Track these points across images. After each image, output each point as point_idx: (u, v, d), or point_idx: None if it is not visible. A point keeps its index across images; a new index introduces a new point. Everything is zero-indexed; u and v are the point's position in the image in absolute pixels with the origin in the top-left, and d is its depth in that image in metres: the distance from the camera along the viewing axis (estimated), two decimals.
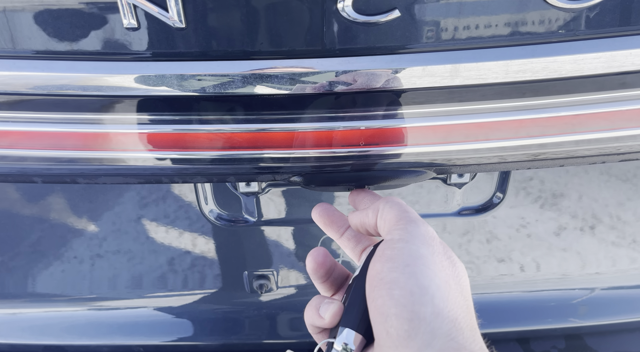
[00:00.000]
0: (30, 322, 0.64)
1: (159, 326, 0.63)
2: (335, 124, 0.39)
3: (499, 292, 0.62)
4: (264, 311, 0.63)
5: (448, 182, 0.53)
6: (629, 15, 0.35)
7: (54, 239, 0.58)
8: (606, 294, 0.62)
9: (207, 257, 0.58)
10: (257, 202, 0.55)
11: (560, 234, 0.58)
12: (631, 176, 0.55)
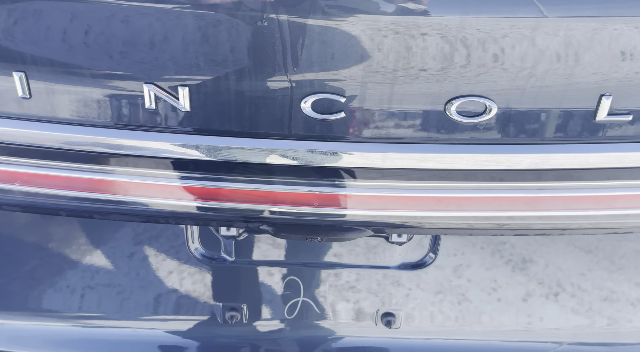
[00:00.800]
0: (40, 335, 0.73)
1: (142, 346, 0.72)
2: (294, 188, 0.51)
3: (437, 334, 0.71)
4: (232, 340, 0.72)
5: (390, 240, 0.65)
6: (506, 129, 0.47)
7: (54, 266, 0.69)
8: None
9: (189, 289, 0.69)
10: (235, 244, 0.66)
11: (493, 292, 0.68)
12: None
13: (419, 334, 0.71)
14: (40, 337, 0.73)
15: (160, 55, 0.45)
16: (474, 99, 0.46)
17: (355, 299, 0.69)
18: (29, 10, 0.44)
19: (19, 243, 0.69)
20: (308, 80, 0.45)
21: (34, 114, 0.49)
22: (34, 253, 0.68)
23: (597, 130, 0.48)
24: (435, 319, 0.69)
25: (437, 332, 0.71)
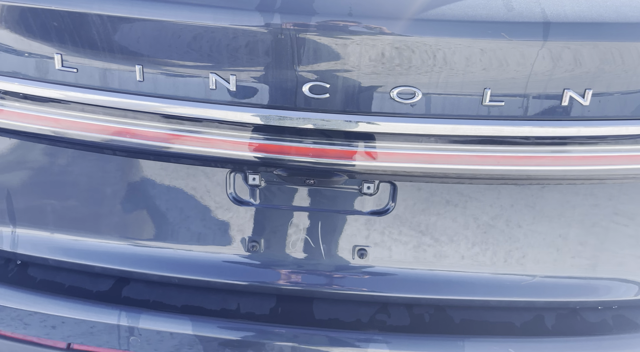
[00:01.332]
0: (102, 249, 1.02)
1: (181, 265, 1.01)
2: (299, 144, 0.81)
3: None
4: (252, 264, 1.01)
5: (362, 192, 0.93)
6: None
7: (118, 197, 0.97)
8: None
9: (224, 223, 0.98)
10: (259, 192, 0.95)
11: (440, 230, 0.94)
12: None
13: (384, 263, 0.98)
14: (96, 250, 1.02)
15: (219, 55, 0.77)
16: (406, 88, 0.76)
17: (338, 237, 0.98)
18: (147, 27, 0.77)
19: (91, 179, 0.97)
20: (306, 73, 0.76)
21: (145, 92, 0.81)
22: (100, 189, 0.96)
23: (484, 111, 0.77)
24: (396, 251, 0.97)
25: (399, 262, 0.98)
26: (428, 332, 0.98)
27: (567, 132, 0.78)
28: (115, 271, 1.03)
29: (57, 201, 0.98)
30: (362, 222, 0.95)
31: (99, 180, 0.96)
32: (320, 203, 0.95)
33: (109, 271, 1.03)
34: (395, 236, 0.96)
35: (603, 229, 0.92)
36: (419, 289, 1.00)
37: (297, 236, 0.98)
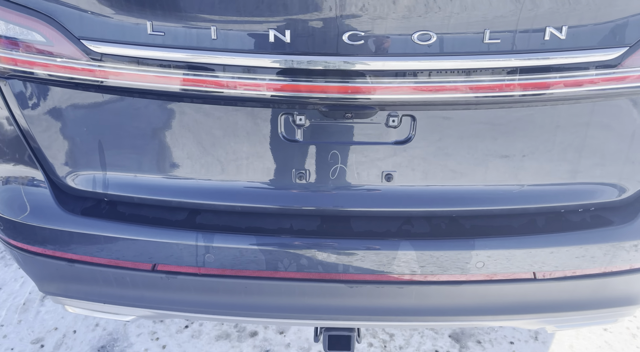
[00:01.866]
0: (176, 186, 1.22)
1: (247, 196, 1.22)
2: (338, 83, 1.02)
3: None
4: (302, 191, 1.22)
5: (388, 126, 1.14)
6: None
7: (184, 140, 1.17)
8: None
9: (275, 158, 1.19)
10: (303, 130, 1.16)
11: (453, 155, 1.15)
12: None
13: (407, 184, 1.20)
14: (172, 188, 1.23)
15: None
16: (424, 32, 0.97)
17: (368, 163, 1.19)
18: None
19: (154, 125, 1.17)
20: (345, 24, 0.97)
21: (218, 47, 1.01)
22: (167, 132, 1.16)
23: (484, 47, 0.99)
24: (417, 173, 1.19)
25: (419, 182, 1.20)
26: (445, 236, 1.21)
27: (548, 62, 1.00)
28: (188, 204, 1.24)
29: (138, 148, 1.18)
30: (388, 151, 1.16)
31: (174, 129, 1.16)
32: (354, 137, 1.15)
33: (184, 204, 1.24)
34: (415, 160, 1.17)
35: (581, 144, 1.14)
36: (436, 204, 1.22)
37: (335, 166, 1.18)
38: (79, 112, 1.13)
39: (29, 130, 1.16)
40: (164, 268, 1.24)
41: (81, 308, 1.39)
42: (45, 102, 1.12)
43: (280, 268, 1.21)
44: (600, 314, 1.32)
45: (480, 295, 1.24)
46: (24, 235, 1.26)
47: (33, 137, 1.16)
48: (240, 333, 2.05)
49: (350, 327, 1.40)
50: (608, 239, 1.18)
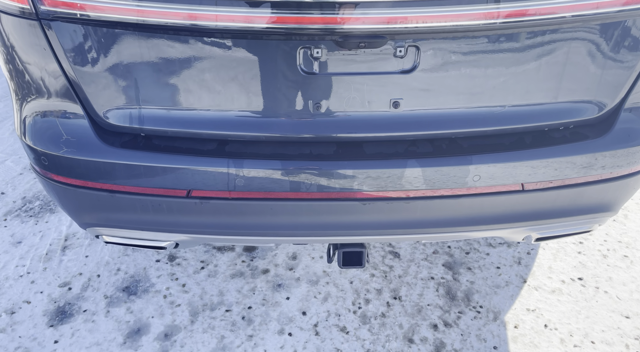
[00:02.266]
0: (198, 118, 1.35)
1: (270, 126, 1.35)
2: (351, 14, 1.15)
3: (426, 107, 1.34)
4: (319, 119, 1.35)
5: (395, 56, 1.28)
6: None
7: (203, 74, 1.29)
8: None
9: (292, 88, 1.31)
10: (319, 63, 1.29)
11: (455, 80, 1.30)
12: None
13: (412, 110, 1.35)
14: (202, 121, 1.36)
15: None
16: None
17: (378, 92, 1.33)
18: None
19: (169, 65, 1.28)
20: None
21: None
22: (183, 70, 1.27)
23: None
24: (421, 100, 1.34)
25: (423, 108, 1.35)
26: (446, 155, 1.36)
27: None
28: (218, 135, 1.37)
29: (171, 85, 1.30)
30: (396, 80, 1.30)
31: (204, 66, 1.27)
32: (365, 67, 1.28)
33: (213, 135, 1.37)
34: (419, 88, 1.32)
35: (562, 69, 1.30)
36: (438, 127, 1.37)
37: (348, 95, 1.32)
38: (116, 52, 1.24)
39: (71, 71, 1.26)
40: (197, 194, 1.37)
41: (120, 237, 1.52)
42: (86, 42, 1.22)
43: (302, 189, 1.36)
44: (578, 221, 1.50)
45: (477, 207, 1.41)
46: (67, 169, 1.37)
47: (75, 76, 1.27)
48: (253, 271, 2.21)
49: (362, 244, 1.56)
50: (584, 151, 1.36)
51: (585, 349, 1.86)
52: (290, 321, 1.98)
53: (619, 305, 2.03)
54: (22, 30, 1.24)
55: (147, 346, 1.88)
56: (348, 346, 1.89)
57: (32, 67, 1.30)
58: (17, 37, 1.26)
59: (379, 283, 2.14)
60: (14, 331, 1.93)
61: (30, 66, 1.31)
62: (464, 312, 2.01)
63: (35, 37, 1.23)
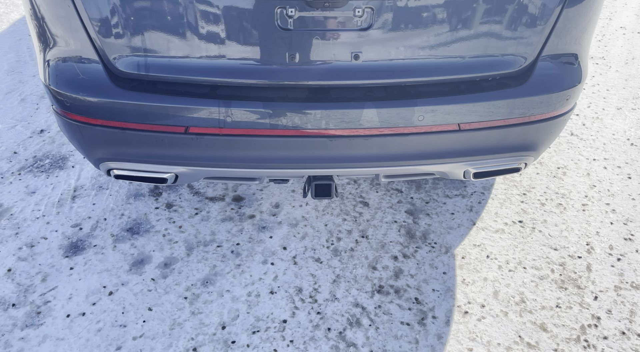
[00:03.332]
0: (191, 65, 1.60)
1: (254, 73, 1.60)
2: None
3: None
4: (294, 68, 1.61)
5: (354, 15, 1.53)
6: None
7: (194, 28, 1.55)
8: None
9: (272, 42, 1.57)
10: (292, 21, 1.54)
11: (411, 30, 1.58)
12: None
13: (370, 60, 1.61)
14: (196, 68, 1.61)
15: None
16: None
17: (341, 46, 1.59)
18: None
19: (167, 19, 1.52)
20: None
21: None
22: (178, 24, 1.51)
23: None
24: (377, 53, 1.60)
25: (379, 59, 1.61)
26: (396, 98, 1.63)
27: None
28: (211, 81, 1.62)
29: (172, 37, 1.54)
30: (355, 36, 1.56)
31: (199, 22, 1.51)
32: (330, 25, 1.53)
33: (207, 81, 1.62)
34: (374, 42, 1.58)
35: (488, 27, 1.57)
36: (391, 76, 1.63)
37: (317, 48, 1.57)
38: (126, 8, 1.48)
39: (90, 24, 1.50)
40: (193, 130, 1.62)
41: (128, 170, 1.77)
42: (102, 0, 1.46)
43: (279, 127, 1.62)
44: (506, 158, 1.79)
45: (424, 143, 1.68)
46: (85, 110, 1.61)
47: (93, 30, 1.51)
48: (240, 217, 2.48)
49: (330, 177, 1.83)
50: (507, 97, 1.63)
51: (518, 273, 2.16)
52: (273, 254, 2.25)
53: (549, 240, 2.33)
54: None
55: (149, 272, 2.14)
56: (321, 272, 2.16)
57: (57, 22, 1.54)
58: None
59: (349, 226, 2.42)
60: (34, 260, 2.17)
61: (56, 21, 1.54)
62: (420, 247, 2.30)
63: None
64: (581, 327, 1.92)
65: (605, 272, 2.15)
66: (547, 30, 1.60)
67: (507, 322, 1.94)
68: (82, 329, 1.88)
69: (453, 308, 1.99)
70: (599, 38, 4.65)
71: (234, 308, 1.99)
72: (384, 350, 1.83)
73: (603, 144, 3.07)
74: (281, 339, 1.87)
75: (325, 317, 1.96)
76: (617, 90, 3.78)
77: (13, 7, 5.14)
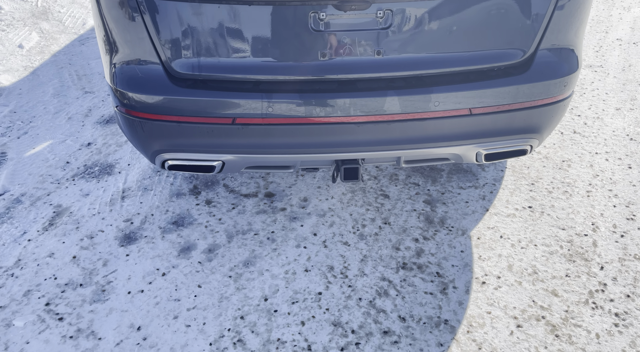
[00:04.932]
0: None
1: (291, 70, 1.83)
2: None
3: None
4: (326, 64, 1.83)
5: (377, 17, 1.76)
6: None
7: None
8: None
9: (309, 44, 1.80)
10: (324, 23, 1.77)
11: (424, 28, 1.80)
12: None
13: (390, 56, 1.83)
14: (242, 67, 1.83)
15: None
16: None
17: (366, 43, 1.81)
18: None
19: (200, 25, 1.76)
20: None
21: None
22: (212, 33, 1.75)
23: None
24: (396, 48, 1.81)
25: (398, 55, 1.82)
26: (415, 87, 1.84)
27: None
28: (254, 78, 1.84)
29: (221, 43, 1.77)
30: (377, 34, 1.78)
31: (244, 28, 1.75)
32: (357, 26, 1.76)
33: (250, 78, 1.84)
34: (394, 39, 1.80)
35: (495, 25, 1.78)
36: (409, 68, 1.85)
37: (345, 46, 1.80)
38: (181, 19, 1.72)
39: (154, 31, 1.74)
40: (240, 121, 1.84)
41: (181, 160, 1.98)
42: (163, 14, 1.71)
43: (313, 115, 1.83)
44: (513, 140, 1.97)
45: (440, 126, 1.88)
46: (146, 106, 1.84)
47: (155, 35, 1.75)
48: (273, 210, 2.67)
49: (357, 161, 2.03)
50: (511, 83, 1.83)
51: (529, 249, 2.31)
52: (304, 239, 2.43)
53: (557, 222, 2.49)
54: (120, 2, 1.72)
55: (196, 256, 2.33)
56: (350, 253, 2.34)
57: (123, 29, 1.79)
58: (113, 6, 1.75)
59: (372, 214, 2.60)
60: (95, 249, 2.38)
61: (122, 29, 1.79)
62: (439, 231, 2.47)
63: (130, 5, 1.71)
64: (589, 292, 2.06)
65: (610, 247, 2.30)
66: (542, 28, 1.81)
67: (522, 289, 2.09)
68: (143, 303, 2.07)
69: (471, 280, 2.14)
70: (596, 49, 4.86)
71: (274, 284, 2.16)
72: (411, 315, 1.99)
73: (604, 140, 3.23)
74: (318, 308, 2.03)
75: (356, 289, 2.12)
76: (616, 93, 3.95)
77: (52, 41, 5.52)
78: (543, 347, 1.84)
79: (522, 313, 1.96)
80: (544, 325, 1.92)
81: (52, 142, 3.38)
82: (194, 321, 1.98)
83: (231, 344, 1.89)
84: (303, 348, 1.87)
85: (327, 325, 1.96)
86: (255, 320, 1.98)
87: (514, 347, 1.85)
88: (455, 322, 1.95)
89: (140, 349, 1.87)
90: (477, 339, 1.87)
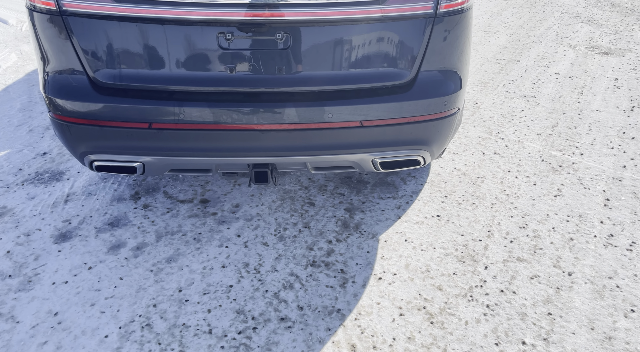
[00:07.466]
0: None
1: (201, 82, 2.03)
2: (248, 11, 1.86)
3: None
4: (232, 78, 2.04)
5: (276, 39, 1.99)
6: None
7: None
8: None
9: (217, 60, 2.01)
10: (229, 42, 1.99)
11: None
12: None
13: (290, 73, 2.04)
14: (158, 78, 2.03)
15: None
16: None
17: (269, 62, 2.02)
18: None
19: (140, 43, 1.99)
20: None
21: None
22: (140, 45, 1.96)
23: None
24: (295, 67, 2.03)
25: (297, 72, 2.04)
26: (312, 100, 2.05)
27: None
28: (168, 88, 2.04)
29: (138, 56, 1.98)
30: (277, 54, 2.01)
31: (159, 44, 1.96)
32: (258, 45, 1.98)
33: (165, 88, 2.04)
34: (293, 59, 2.02)
35: (378, 51, 2.02)
36: (307, 84, 2.06)
37: (250, 63, 2.01)
38: (104, 34, 1.93)
39: (78, 46, 1.94)
40: (155, 126, 2.02)
41: (105, 161, 2.15)
42: (86, 29, 1.91)
43: (221, 122, 2.02)
44: (404, 151, 2.18)
45: (335, 136, 2.09)
46: (73, 112, 2.02)
47: (80, 50, 1.94)
48: (205, 214, 2.83)
49: (266, 165, 2.21)
50: (396, 100, 2.06)
51: (428, 251, 2.49)
52: (228, 240, 2.59)
53: (459, 229, 2.69)
54: (50, 23, 1.92)
55: (124, 253, 2.47)
56: (267, 252, 2.49)
57: (53, 45, 1.98)
58: (45, 26, 1.94)
59: (296, 220, 2.77)
60: (29, 245, 2.50)
61: (52, 45, 1.98)
62: (352, 234, 2.64)
63: (58, 26, 1.91)
64: (469, 287, 2.24)
65: (498, 250, 2.50)
66: (421, 54, 2.05)
67: (412, 285, 2.26)
68: (64, 292, 2.19)
69: (370, 276, 2.31)
70: (534, 81, 5.18)
71: (191, 278, 2.31)
72: (309, 304, 2.14)
73: (519, 160, 3.48)
74: (226, 298, 2.18)
75: (265, 282, 2.27)
76: (540, 120, 4.24)
77: (29, 61, 5.69)
78: (417, 331, 2.00)
79: (407, 304, 2.13)
80: (423, 314, 2.09)
81: (10, 151, 3.52)
82: (109, 308, 2.11)
83: (139, 328, 2.02)
84: (204, 331, 2.00)
85: (231, 313, 2.10)
86: (167, 308, 2.11)
87: (392, 332, 2.01)
88: (346, 311, 2.10)
89: (54, 331, 1.98)
90: (362, 325, 2.03)
